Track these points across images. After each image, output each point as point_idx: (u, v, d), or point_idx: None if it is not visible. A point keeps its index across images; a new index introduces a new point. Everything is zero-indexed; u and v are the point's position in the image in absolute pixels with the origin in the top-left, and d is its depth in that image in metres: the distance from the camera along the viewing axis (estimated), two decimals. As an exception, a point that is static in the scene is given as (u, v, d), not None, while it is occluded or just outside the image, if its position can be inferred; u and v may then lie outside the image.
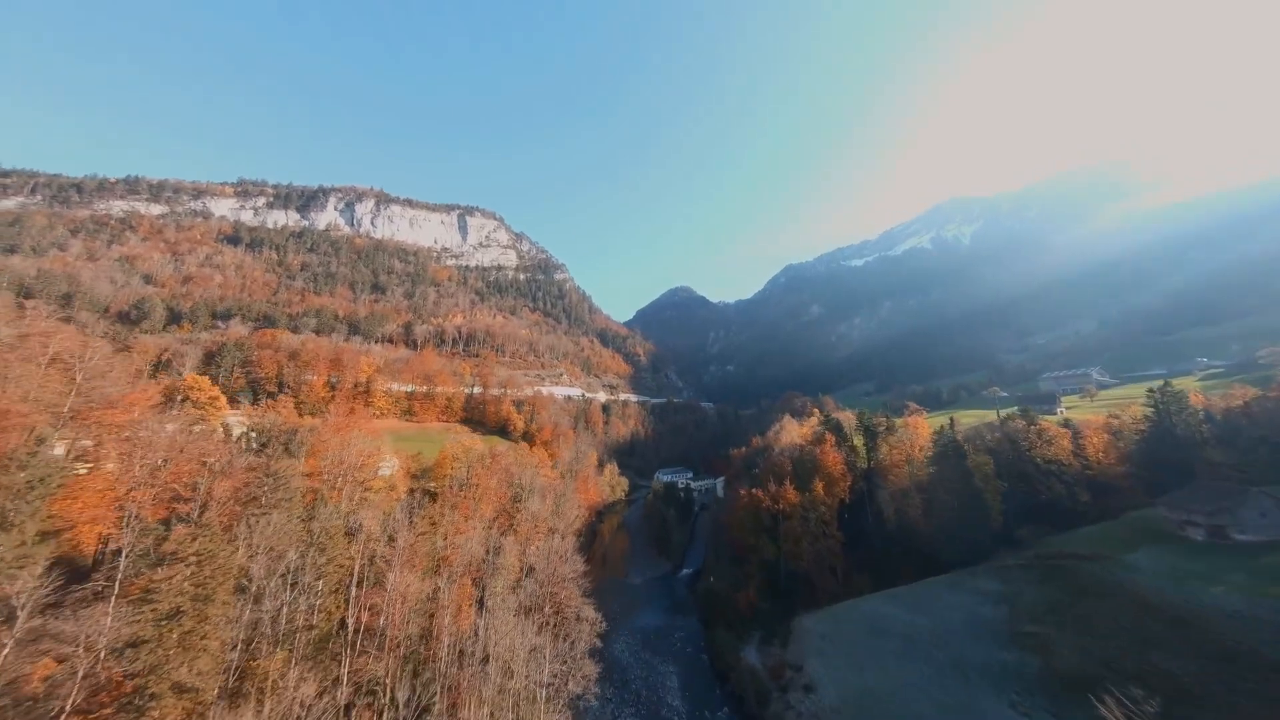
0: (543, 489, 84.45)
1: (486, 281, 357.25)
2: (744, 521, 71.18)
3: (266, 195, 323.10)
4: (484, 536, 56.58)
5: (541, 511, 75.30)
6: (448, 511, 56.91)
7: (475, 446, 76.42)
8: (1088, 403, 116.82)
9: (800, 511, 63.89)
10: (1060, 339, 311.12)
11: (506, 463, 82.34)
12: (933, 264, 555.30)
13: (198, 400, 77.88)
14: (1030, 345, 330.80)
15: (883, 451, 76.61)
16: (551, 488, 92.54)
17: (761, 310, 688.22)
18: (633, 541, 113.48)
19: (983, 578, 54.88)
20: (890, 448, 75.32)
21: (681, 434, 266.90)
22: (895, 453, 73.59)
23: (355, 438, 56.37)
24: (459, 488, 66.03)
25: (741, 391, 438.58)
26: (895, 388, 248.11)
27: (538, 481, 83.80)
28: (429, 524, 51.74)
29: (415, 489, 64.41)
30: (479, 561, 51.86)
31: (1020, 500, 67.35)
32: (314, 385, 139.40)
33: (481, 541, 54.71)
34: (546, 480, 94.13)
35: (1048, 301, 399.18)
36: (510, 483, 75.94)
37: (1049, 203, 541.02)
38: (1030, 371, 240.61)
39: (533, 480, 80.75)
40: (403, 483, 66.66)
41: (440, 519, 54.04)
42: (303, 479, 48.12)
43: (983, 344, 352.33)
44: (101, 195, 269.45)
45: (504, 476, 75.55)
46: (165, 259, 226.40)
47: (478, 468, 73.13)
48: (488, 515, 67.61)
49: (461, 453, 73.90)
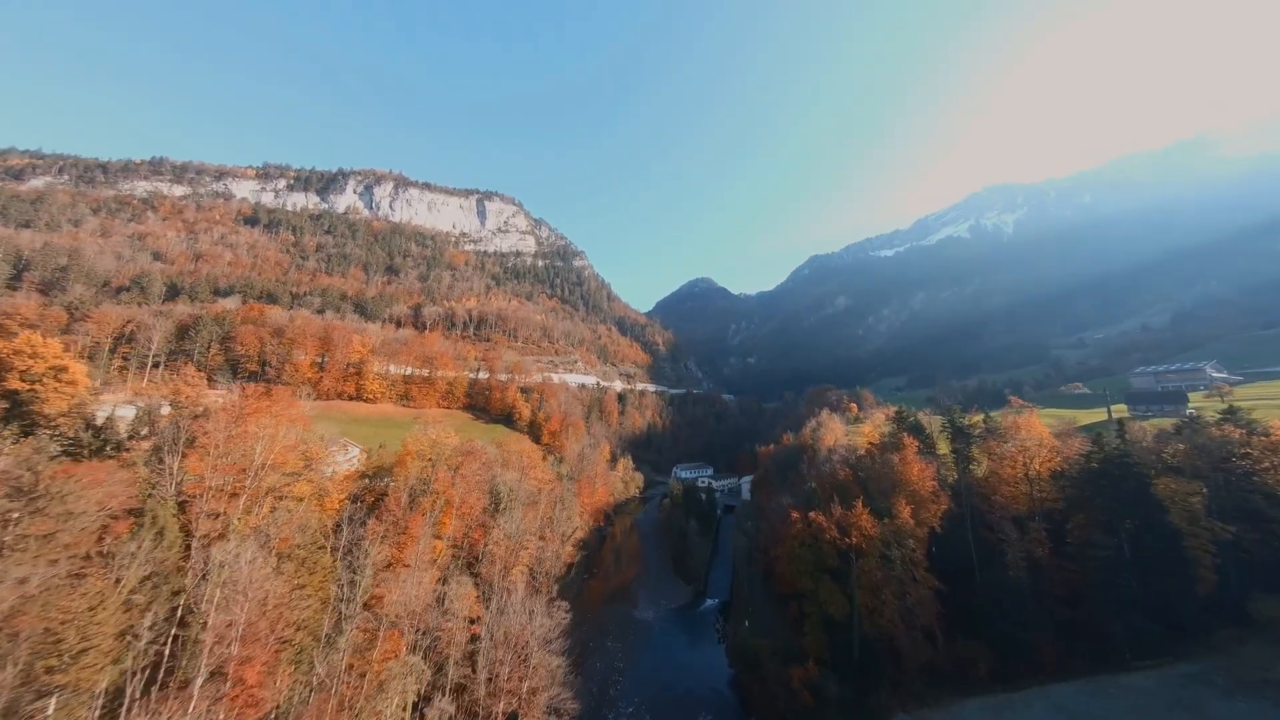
0: (532, 496, 71.46)
1: (504, 267, 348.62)
2: (798, 557, 52.08)
3: (288, 178, 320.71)
4: (437, 574, 44.18)
5: (527, 526, 62.18)
6: (380, 540, 43.03)
7: (446, 441, 63.22)
8: (1215, 402, 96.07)
9: (880, 547, 46.07)
10: (1125, 333, 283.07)
11: (484, 461, 68.17)
12: (970, 254, 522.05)
13: (28, 371, 53.92)
14: (1088, 340, 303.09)
15: (982, 463, 56.88)
16: (547, 493, 79.69)
17: (784, 302, 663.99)
18: (645, 553, 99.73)
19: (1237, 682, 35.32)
20: (994, 457, 56.11)
21: (701, 427, 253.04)
22: (1006, 465, 53.84)
23: (270, 428, 43.34)
24: (413, 499, 52.10)
25: (763, 384, 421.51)
26: (939, 382, 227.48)
27: (524, 488, 70.69)
28: (332, 562, 38.77)
29: (362, 496, 51.95)
30: (422, 610, 39.35)
31: (1232, 552, 43.39)
32: (300, 365, 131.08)
33: (432, 583, 42.18)
34: (538, 484, 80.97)
35: (1105, 293, 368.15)
36: (488, 489, 62.93)
37: (1104, 189, 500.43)
38: (1096, 368, 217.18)
39: (516, 488, 67.01)
40: (341, 488, 52.22)
41: (369, 547, 40.74)
42: (168, 494, 35.91)
43: (1031, 337, 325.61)
44: (126, 176, 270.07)
45: (476, 482, 61.74)
46: (180, 237, 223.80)
47: (442, 470, 58.67)
48: (453, 531, 54.84)
49: (427, 448, 60.08)
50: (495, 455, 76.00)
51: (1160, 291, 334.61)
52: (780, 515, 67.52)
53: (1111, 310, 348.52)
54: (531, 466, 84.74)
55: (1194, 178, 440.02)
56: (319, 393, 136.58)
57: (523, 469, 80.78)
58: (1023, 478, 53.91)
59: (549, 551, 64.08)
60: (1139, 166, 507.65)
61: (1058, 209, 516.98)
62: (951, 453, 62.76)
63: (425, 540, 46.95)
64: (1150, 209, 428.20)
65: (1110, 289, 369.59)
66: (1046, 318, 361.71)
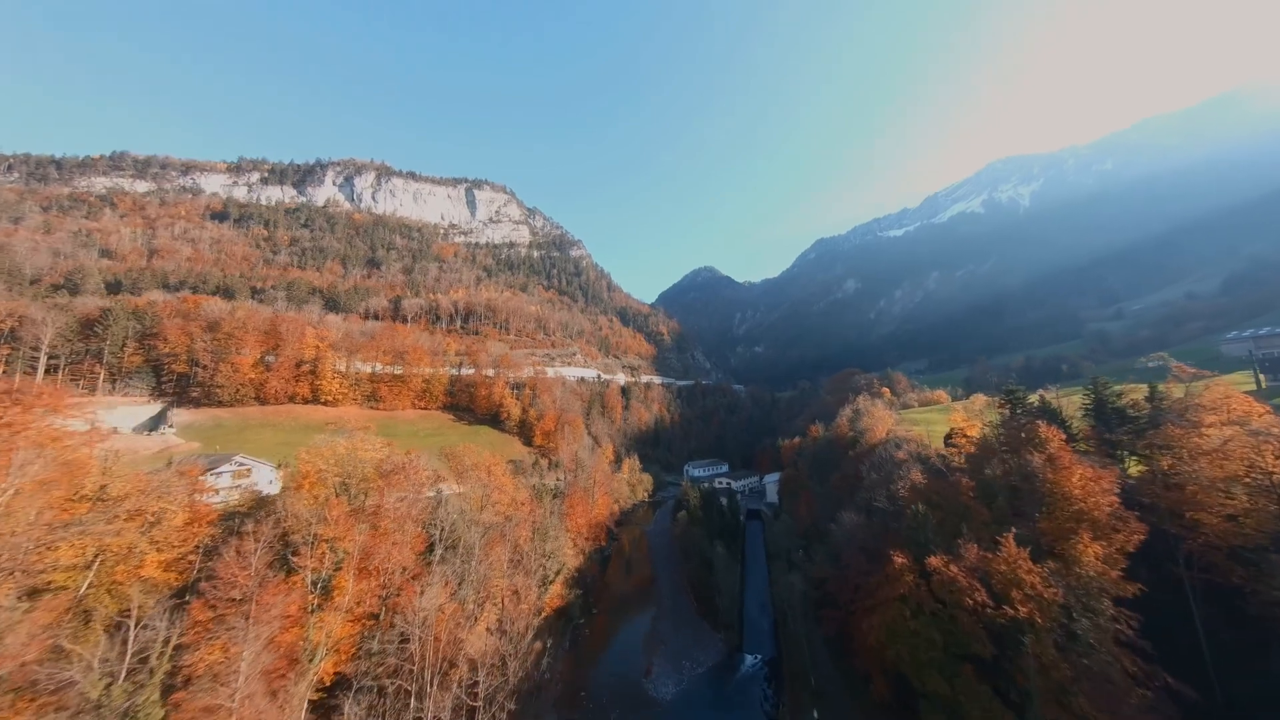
0: (495, 530, 51.56)
1: (497, 259, 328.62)
2: (910, 634, 32.19)
3: (262, 171, 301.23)
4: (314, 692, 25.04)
5: (492, 566, 42.50)
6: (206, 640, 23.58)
7: (365, 454, 43.75)
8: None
9: (1058, 614, 26.55)
10: (1168, 303, 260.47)
11: (420, 481, 47.79)
12: (985, 229, 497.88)
13: None
14: (1126, 311, 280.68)
15: (1163, 463, 36.41)
16: (524, 518, 59.62)
17: (791, 288, 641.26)
18: (658, 582, 79.25)
19: None
20: (1175, 454, 35.82)
21: (712, 420, 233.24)
22: (1206, 464, 33.71)
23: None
24: (286, 552, 32.85)
25: (772, 374, 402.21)
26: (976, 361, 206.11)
27: (486, 518, 50.75)
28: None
29: (221, 546, 32.57)
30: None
31: None
32: (239, 364, 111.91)
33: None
34: (509, 507, 60.63)
35: (1135, 262, 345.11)
36: (429, 522, 43.13)
37: (1128, 154, 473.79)
38: (1147, 339, 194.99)
39: (460, 522, 46.14)
40: (189, 537, 33.28)
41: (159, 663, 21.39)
42: None
43: (1063, 312, 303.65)
44: (84, 173, 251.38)
45: (404, 515, 40.89)
46: (135, 233, 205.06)
47: (337, 506, 37.50)
48: (363, 595, 35.19)
49: (331, 466, 41.07)
50: (440, 470, 56.03)
51: (1201, 256, 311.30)
52: (851, 544, 47.46)
53: (1145, 280, 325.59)
54: (498, 485, 64.10)
55: (1227, 136, 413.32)
56: (264, 396, 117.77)
57: (489, 487, 60.73)
58: (1251, 483, 33.63)
59: (523, 606, 44.44)
60: (1165, 129, 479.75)
61: (1078, 177, 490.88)
62: (1098, 447, 42.75)
63: (303, 628, 27.18)
64: (1179, 172, 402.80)
65: (1141, 258, 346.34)
66: (1074, 291, 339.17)
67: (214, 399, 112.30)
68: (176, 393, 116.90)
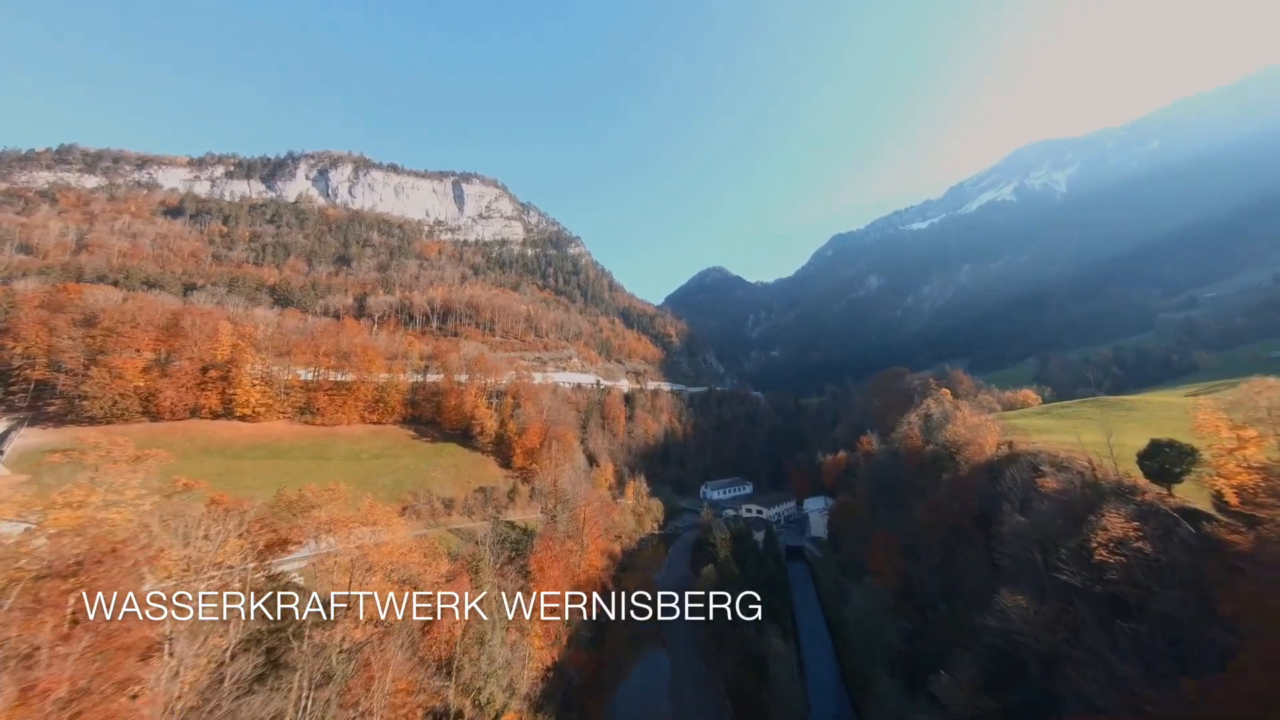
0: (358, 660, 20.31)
1: (487, 257, 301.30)
2: None
3: (227, 165, 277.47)
4: None
5: None
6: None
7: None
8: None
9: None
10: (1251, 289, 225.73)
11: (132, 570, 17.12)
12: (1019, 218, 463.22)
13: None
14: (1201, 299, 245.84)
15: None
16: (443, 639, 29.08)
17: (807, 287, 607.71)
18: (678, 678, 49.79)
19: None
20: None
21: (730, 431, 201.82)
22: None
23: None
24: None
25: (789, 378, 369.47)
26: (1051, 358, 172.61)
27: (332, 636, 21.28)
28: None
29: None
30: None
31: None
32: (122, 367, 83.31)
33: None
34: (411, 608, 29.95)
35: (1197, 247, 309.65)
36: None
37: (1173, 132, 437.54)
38: (1242, 329, 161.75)
39: None
40: None
41: None
42: None
43: (1125, 302, 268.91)
44: (25, 167, 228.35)
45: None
46: (68, 228, 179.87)
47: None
48: None
49: None
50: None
51: (1276, 239, 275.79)
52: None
53: (1210, 265, 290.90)
54: (388, 554, 32.88)
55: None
56: (157, 409, 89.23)
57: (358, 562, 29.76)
58: None
59: None
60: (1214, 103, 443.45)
61: (1118, 159, 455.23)
62: None
63: None
64: (1235, 147, 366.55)
65: (1204, 241, 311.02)
66: (1132, 279, 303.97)
67: (82, 414, 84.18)
68: (34, 406, 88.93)
